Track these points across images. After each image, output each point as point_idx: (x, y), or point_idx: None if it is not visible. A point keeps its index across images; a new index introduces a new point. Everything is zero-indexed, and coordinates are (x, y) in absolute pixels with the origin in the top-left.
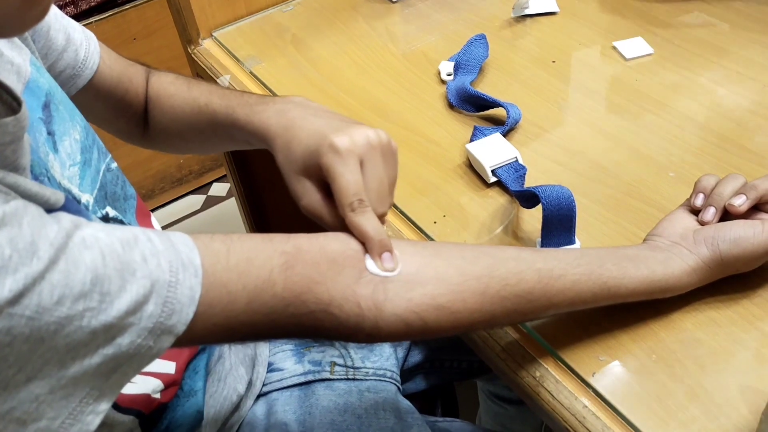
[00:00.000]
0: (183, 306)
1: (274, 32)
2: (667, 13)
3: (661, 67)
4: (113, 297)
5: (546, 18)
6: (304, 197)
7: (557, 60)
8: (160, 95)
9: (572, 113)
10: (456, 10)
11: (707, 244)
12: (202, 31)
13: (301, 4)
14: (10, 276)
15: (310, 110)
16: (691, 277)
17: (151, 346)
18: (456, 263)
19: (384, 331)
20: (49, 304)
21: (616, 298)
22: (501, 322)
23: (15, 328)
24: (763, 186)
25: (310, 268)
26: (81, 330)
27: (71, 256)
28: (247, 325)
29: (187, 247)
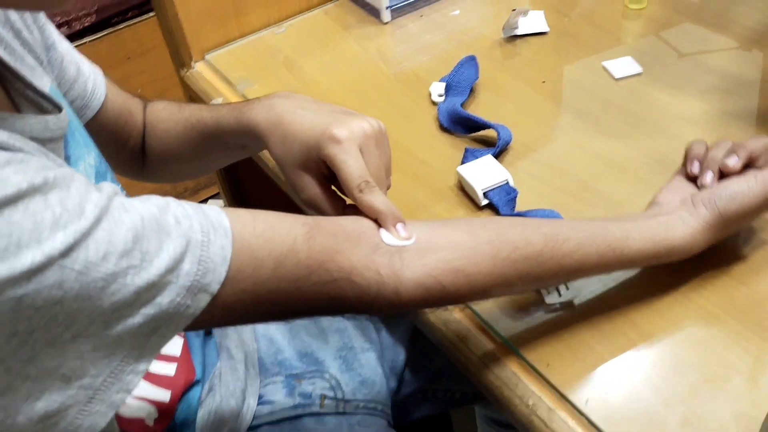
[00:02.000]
0: (216, 265)
1: (266, 54)
2: (656, 32)
3: (650, 87)
4: (153, 255)
5: (536, 38)
6: (304, 190)
7: (547, 80)
8: (154, 123)
9: (563, 134)
10: (447, 31)
11: (706, 205)
12: (194, 54)
13: (293, 26)
14: (61, 231)
15: (296, 102)
16: (695, 238)
17: (189, 305)
18: (466, 230)
19: (404, 297)
20: (96, 259)
21: (622, 260)
22: (517, 285)
23: (66, 282)
24: (751, 145)
25: (331, 238)
26: (125, 288)
27: (113, 216)
28: (274, 292)
29: (216, 212)
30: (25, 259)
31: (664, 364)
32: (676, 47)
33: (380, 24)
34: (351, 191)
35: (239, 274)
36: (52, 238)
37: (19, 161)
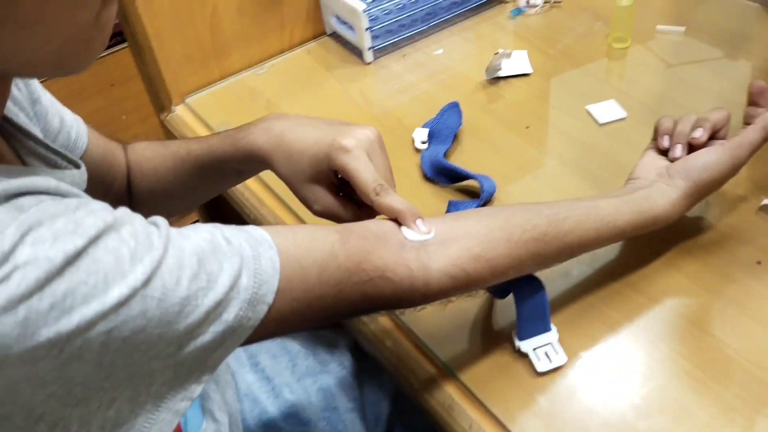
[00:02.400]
0: (269, 276)
1: (247, 97)
2: (638, 74)
3: (634, 132)
4: (216, 275)
5: (519, 79)
6: (317, 201)
7: (531, 125)
8: (140, 162)
9: (547, 183)
10: (429, 72)
11: (682, 176)
12: (174, 97)
13: (275, 66)
14: (139, 263)
15: (292, 121)
16: (674, 207)
17: (250, 317)
18: (478, 220)
19: (434, 287)
20: (171, 285)
21: (615, 231)
22: (529, 266)
23: (149, 310)
24: (713, 117)
25: (362, 241)
26: (197, 309)
27: (176, 244)
28: (320, 297)
29: (255, 229)
30: (113, 293)
31: (603, 392)
32: (660, 89)
33: (363, 64)
34: (368, 195)
35: (289, 283)
36: (133, 271)
37: (85, 204)
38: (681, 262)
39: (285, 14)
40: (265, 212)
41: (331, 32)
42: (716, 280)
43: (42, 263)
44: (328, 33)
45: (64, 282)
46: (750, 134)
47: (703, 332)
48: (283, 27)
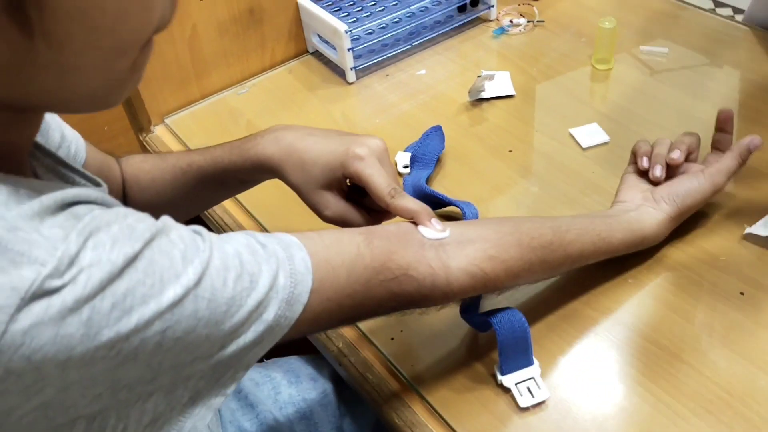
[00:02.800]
0: (303, 276)
1: (228, 117)
2: (621, 97)
3: (617, 157)
4: (257, 276)
5: (502, 101)
6: (329, 207)
7: (514, 149)
8: (136, 175)
9: (530, 211)
10: (412, 92)
11: (666, 201)
12: (153, 117)
13: (256, 86)
14: (190, 264)
15: (301, 131)
16: (660, 228)
17: (287, 316)
18: (488, 226)
19: (455, 285)
20: (219, 285)
21: (610, 248)
22: (538, 272)
23: (199, 310)
24: (687, 140)
25: (385, 241)
26: (241, 309)
27: (219, 247)
28: (350, 296)
29: (284, 234)
30: (168, 293)
31: (562, 413)
32: (642, 113)
33: (345, 84)
34: (383, 198)
35: (322, 284)
36: (185, 272)
37: (132, 212)
38: (662, 291)
39: (266, 33)
40: None
41: (313, 51)
42: (697, 309)
43: (105, 265)
44: (310, 51)
45: (124, 282)
46: (727, 161)
47: (681, 362)
48: (264, 46)
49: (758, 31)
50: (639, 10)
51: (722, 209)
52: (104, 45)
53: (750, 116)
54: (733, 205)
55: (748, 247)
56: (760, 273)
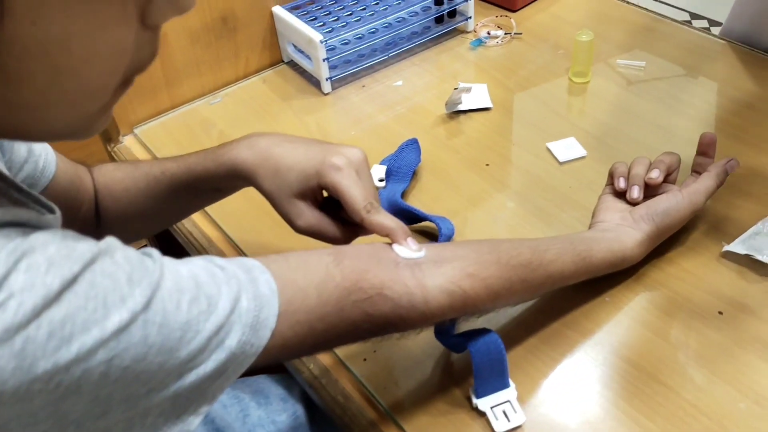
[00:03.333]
0: (268, 298)
1: (199, 127)
2: (598, 111)
3: (594, 172)
4: (216, 299)
5: (480, 114)
6: (302, 217)
7: (491, 163)
8: (108, 185)
9: (506, 226)
10: (388, 104)
11: (645, 220)
12: (121, 127)
13: (229, 96)
14: (137, 286)
15: (277, 138)
16: (640, 248)
17: (253, 343)
18: (466, 245)
19: (433, 304)
20: (172, 308)
21: (590, 268)
22: (519, 292)
23: (150, 336)
24: (667, 160)
25: (356, 260)
26: (199, 335)
27: (171, 268)
28: (322, 319)
29: (245, 258)
30: (113, 318)
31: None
32: (619, 127)
33: (321, 94)
34: (358, 213)
35: (290, 306)
36: (132, 294)
37: (73, 233)
38: (641, 311)
39: (240, 42)
40: (214, 253)
41: (288, 60)
42: (676, 329)
43: (39, 289)
44: (285, 61)
45: (62, 308)
46: (705, 181)
47: (660, 384)
48: (238, 55)
49: (735, 45)
50: (616, 23)
51: (700, 227)
52: (69, 87)
53: (727, 131)
54: (710, 223)
55: (727, 264)
56: (739, 291)
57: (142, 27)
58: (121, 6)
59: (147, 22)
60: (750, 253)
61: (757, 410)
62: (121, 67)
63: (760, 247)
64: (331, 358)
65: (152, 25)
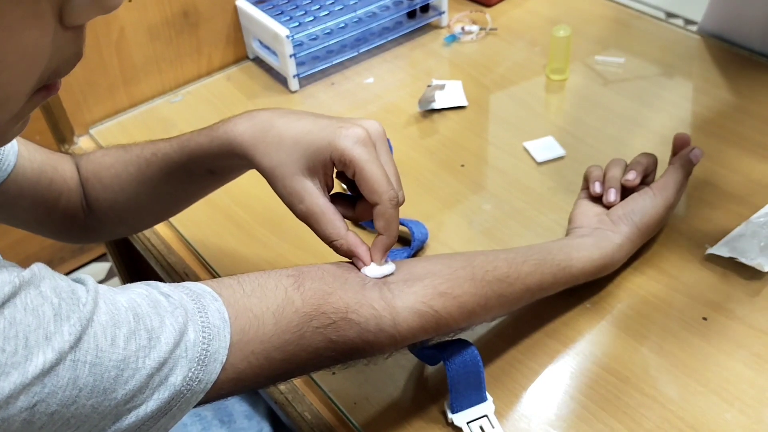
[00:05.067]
0: (219, 329)
1: (159, 127)
2: (576, 108)
3: (573, 172)
4: (158, 332)
5: (454, 112)
6: (305, 199)
7: (466, 164)
8: (97, 172)
9: (482, 229)
10: (359, 102)
11: (623, 222)
12: (76, 128)
13: (191, 93)
14: (65, 321)
15: (279, 111)
16: (621, 252)
17: (201, 379)
18: (439, 261)
19: (402, 327)
20: (105, 345)
21: (570, 278)
22: (495, 308)
23: (80, 377)
24: (644, 161)
25: (318, 282)
26: (138, 373)
27: (108, 299)
28: (280, 349)
29: (195, 284)
30: (36, 360)
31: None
32: (597, 125)
33: (288, 92)
34: (381, 200)
35: (244, 335)
36: (59, 332)
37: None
38: (624, 318)
39: (202, 37)
40: (174, 260)
41: (254, 57)
42: (660, 337)
43: None
44: (250, 57)
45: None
46: (673, 174)
47: (643, 395)
48: (200, 51)
49: (711, 41)
50: (594, 19)
51: (682, 229)
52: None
53: (707, 129)
54: (692, 225)
55: (711, 268)
56: (723, 296)
57: (60, 27)
58: (30, 6)
59: (66, 22)
60: (734, 255)
61: (744, 420)
62: (36, 72)
63: (744, 250)
64: None
65: (72, 25)
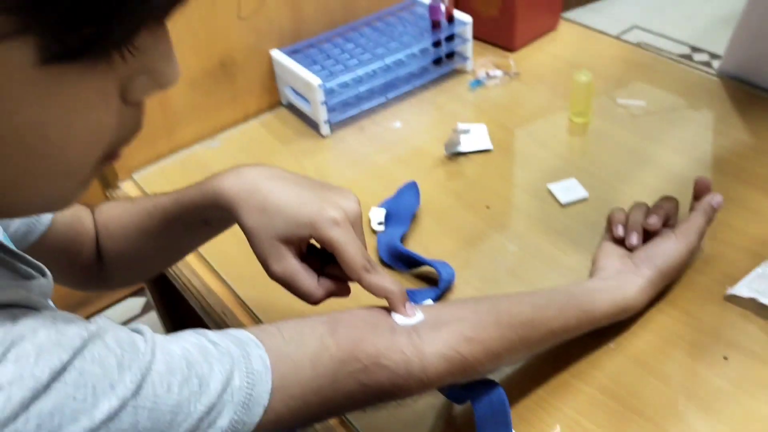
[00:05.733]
0: (261, 375)
1: (197, 172)
2: (599, 151)
3: (597, 213)
4: (208, 378)
5: (479, 155)
6: (280, 262)
7: (492, 205)
8: (107, 223)
9: (507, 269)
10: (387, 145)
11: (646, 265)
12: (120, 173)
13: (228, 139)
14: (127, 371)
15: (269, 171)
16: (643, 295)
17: (245, 421)
18: (465, 306)
19: (431, 371)
20: (162, 392)
21: (593, 321)
22: (521, 350)
23: (140, 422)
24: (665, 205)
25: (351, 329)
26: (190, 416)
27: (163, 348)
28: (316, 392)
29: (239, 331)
30: (102, 407)
31: None
32: (620, 167)
33: (319, 137)
34: (357, 272)
35: (284, 380)
36: (122, 380)
37: (63, 315)
38: (647, 358)
39: (238, 86)
40: (213, 300)
41: (287, 103)
42: (681, 376)
43: (28, 382)
44: (284, 103)
45: (50, 399)
46: (695, 220)
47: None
48: (236, 98)
49: (731, 82)
50: (615, 62)
51: (703, 270)
52: (47, 169)
53: (726, 170)
54: (713, 266)
55: (731, 308)
56: (744, 335)
57: (124, 104)
58: (98, 89)
59: (128, 100)
60: (754, 296)
61: None
62: (101, 146)
63: (765, 290)
64: None
65: (135, 102)
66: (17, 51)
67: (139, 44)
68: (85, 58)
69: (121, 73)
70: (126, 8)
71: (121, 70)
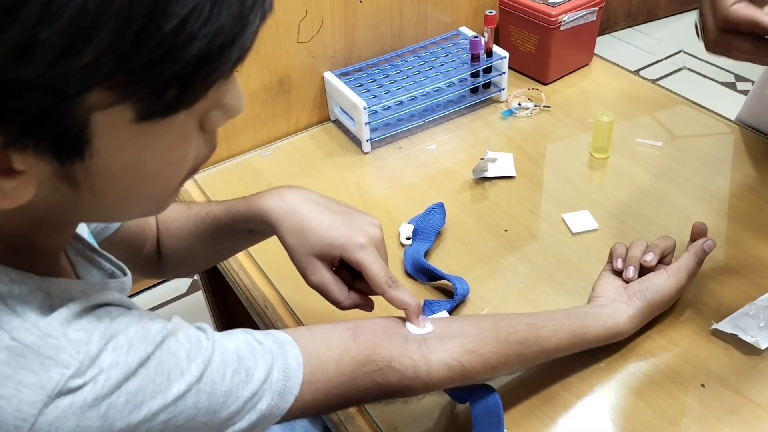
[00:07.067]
0: (295, 370)
1: (251, 177)
2: (614, 186)
3: (603, 244)
4: (253, 370)
5: (504, 182)
6: (315, 274)
7: (509, 229)
8: (167, 223)
9: (516, 289)
10: (421, 165)
11: (637, 297)
12: None
13: (280, 149)
14: (194, 362)
15: (305, 196)
16: (632, 323)
17: (279, 406)
18: (470, 321)
19: (434, 376)
20: (218, 380)
21: (584, 344)
22: (515, 364)
23: (200, 402)
24: (662, 244)
25: (371, 336)
26: (237, 400)
27: (220, 344)
28: (338, 387)
29: (279, 333)
30: (173, 389)
31: None
32: (631, 203)
33: (361, 153)
34: (381, 287)
35: (312, 376)
36: (189, 369)
37: (147, 315)
38: (632, 379)
39: (292, 101)
40: (257, 293)
41: (334, 119)
42: (660, 397)
43: (121, 367)
44: (332, 119)
45: (137, 381)
46: (686, 261)
47: None
48: (290, 113)
49: (747, 131)
50: (641, 102)
51: (694, 304)
52: (144, 192)
53: (732, 215)
54: (703, 301)
55: (715, 341)
56: (723, 367)
57: (201, 133)
58: (182, 131)
59: (205, 129)
60: (736, 332)
61: None
62: (185, 171)
63: (746, 328)
64: None
65: (210, 131)
66: (119, 114)
67: (214, 88)
68: (170, 114)
69: (199, 112)
70: (202, 74)
71: (200, 109)
